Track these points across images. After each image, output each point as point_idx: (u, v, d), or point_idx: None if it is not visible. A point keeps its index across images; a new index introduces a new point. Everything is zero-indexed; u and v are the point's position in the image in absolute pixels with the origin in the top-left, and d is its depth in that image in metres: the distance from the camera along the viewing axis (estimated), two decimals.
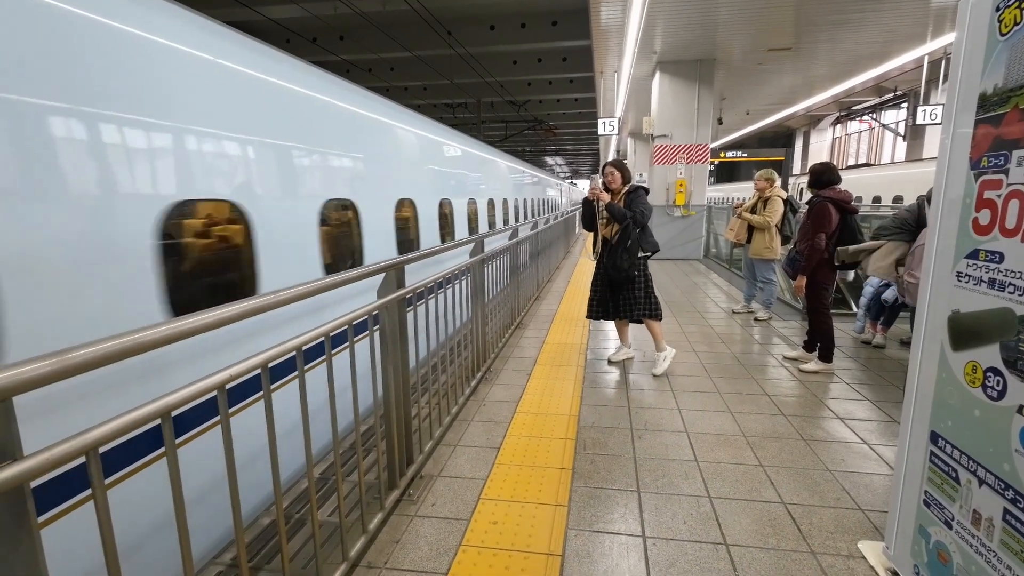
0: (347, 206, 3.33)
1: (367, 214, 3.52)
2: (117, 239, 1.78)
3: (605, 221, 3.78)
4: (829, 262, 3.66)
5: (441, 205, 5.25)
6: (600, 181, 3.79)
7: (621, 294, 3.80)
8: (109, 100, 1.79)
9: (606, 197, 3.72)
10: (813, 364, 3.78)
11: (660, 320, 3.82)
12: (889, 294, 4.32)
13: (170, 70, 2.08)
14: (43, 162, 1.57)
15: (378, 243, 3.68)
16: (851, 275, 4.18)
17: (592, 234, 3.91)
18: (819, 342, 3.80)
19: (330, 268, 3.03)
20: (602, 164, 3.88)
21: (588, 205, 3.83)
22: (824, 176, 3.73)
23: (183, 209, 2.07)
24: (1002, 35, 1.28)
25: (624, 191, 3.72)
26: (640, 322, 3.83)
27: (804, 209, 3.94)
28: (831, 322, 3.75)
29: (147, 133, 1.93)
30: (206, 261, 2.28)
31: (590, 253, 3.95)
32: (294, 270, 2.72)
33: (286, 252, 2.69)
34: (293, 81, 2.91)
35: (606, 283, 3.85)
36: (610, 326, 5.19)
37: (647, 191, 3.78)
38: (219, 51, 2.38)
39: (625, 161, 9.76)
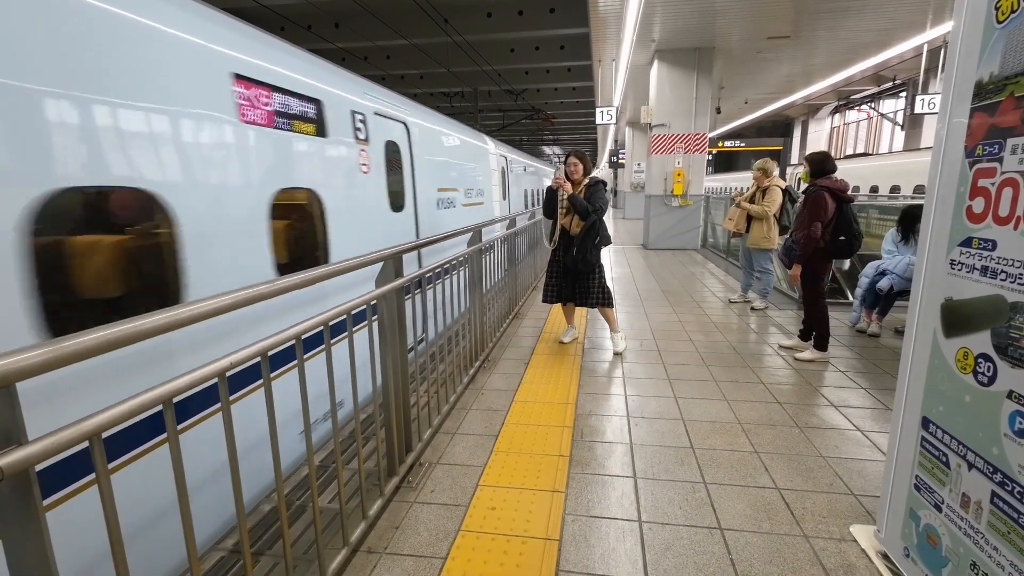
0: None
1: None
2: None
3: (564, 211, 3.89)
4: (824, 251, 3.67)
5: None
6: (563, 171, 3.87)
7: (578, 283, 3.99)
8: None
9: (569, 187, 3.80)
10: (808, 353, 3.81)
11: (612, 307, 4.06)
12: (884, 283, 4.34)
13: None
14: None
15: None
16: (847, 264, 4.20)
17: (552, 222, 4.02)
18: (815, 330, 3.83)
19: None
20: (566, 154, 3.93)
21: (552, 193, 3.93)
22: (822, 165, 3.73)
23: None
24: (999, 23, 1.28)
25: (585, 183, 3.83)
26: (595, 307, 4.01)
27: (802, 199, 3.92)
28: (827, 311, 3.77)
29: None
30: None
31: (545, 239, 4.08)
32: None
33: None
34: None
35: (563, 271, 4.02)
36: None
37: (606, 185, 3.93)
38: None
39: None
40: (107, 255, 1.83)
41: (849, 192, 3.67)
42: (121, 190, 1.83)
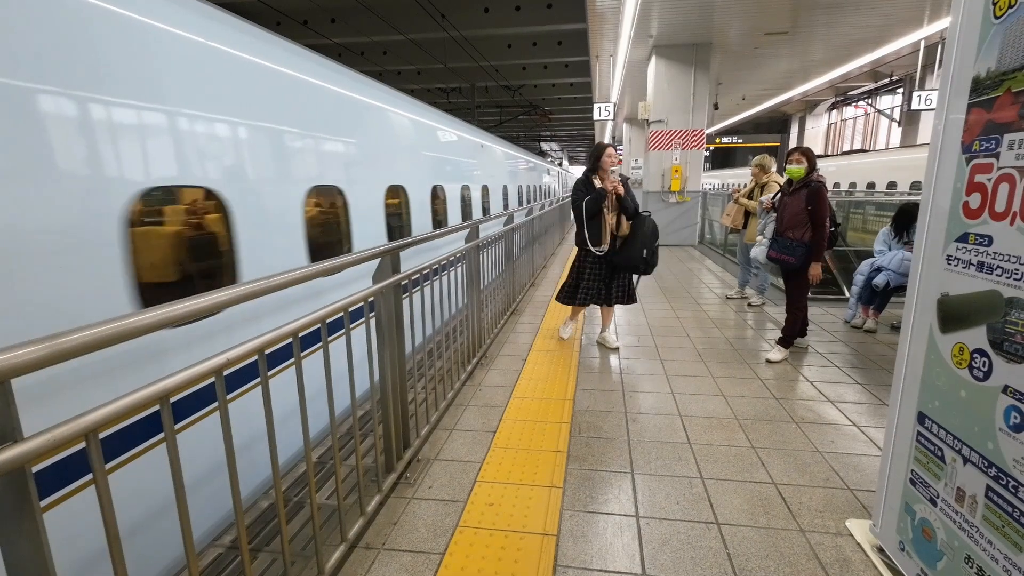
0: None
1: None
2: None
3: (614, 213, 3.73)
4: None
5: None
6: (617, 174, 3.77)
7: (622, 281, 3.91)
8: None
9: (622, 190, 3.69)
10: (776, 353, 3.74)
11: None
12: (880, 279, 4.36)
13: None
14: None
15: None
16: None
17: (591, 225, 3.73)
18: (792, 331, 3.73)
19: None
20: (603, 145, 3.73)
21: (597, 195, 3.66)
22: (815, 160, 3.69)
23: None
24: (996, 18, 1.28)
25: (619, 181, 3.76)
26: (634, 302, 3.99)
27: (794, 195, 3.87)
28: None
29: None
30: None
31: (590, 243, 3.78)
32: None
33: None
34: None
35: (606, 271, 3.87)
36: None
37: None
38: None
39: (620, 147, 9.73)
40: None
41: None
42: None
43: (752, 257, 4.50)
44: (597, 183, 3.71)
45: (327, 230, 3.29)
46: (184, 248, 2.25)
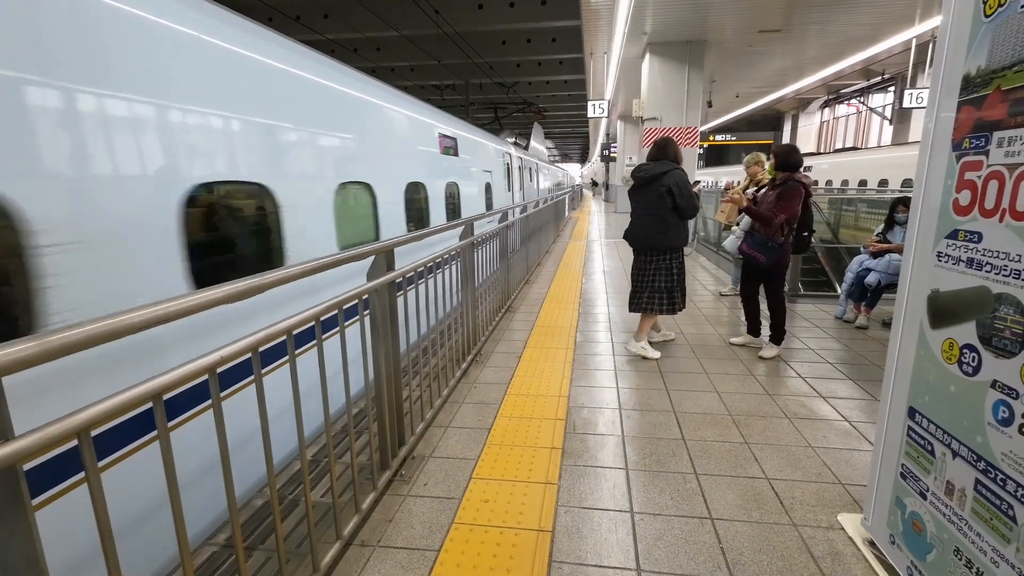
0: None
1: None
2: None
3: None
4: (792, 245, 3.64)
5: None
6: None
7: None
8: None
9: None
10: (769, 350, 3.76)
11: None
12: (871, 279, 4.40)
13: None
14: None
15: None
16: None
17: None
18: (779, 327, 3.75)
19: None
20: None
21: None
22: (793, 157, 3.65)
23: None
24: (987, 16, 1.29)
25: None
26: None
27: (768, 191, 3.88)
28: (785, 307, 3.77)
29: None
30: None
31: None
32: None
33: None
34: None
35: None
36: (601, 309, 5.24)
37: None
38: None
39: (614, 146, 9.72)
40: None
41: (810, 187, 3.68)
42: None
43: (723, 246, 4.52)
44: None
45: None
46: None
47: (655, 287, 3.74)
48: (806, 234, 3.59)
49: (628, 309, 3.90)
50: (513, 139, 15.47)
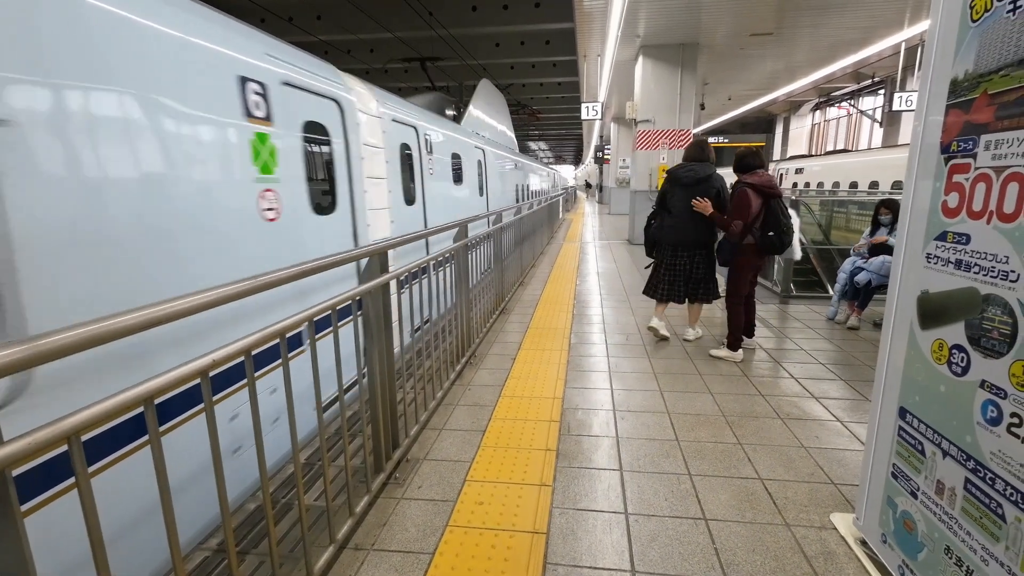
0: None
1: None
2: None
3: None
4: (754, 247, 3.66)
5: None
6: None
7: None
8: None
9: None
10: (720, 350, 3.80)
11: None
12: (862, 277, 4.44)
13: None
14: None
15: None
16: (798, 254, 4.07)
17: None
18: (730, 329, 3.77)
19: None
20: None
21: None
22: (745, 161, 3.71)
23: None
24: (973, 21, 1.31)
25: None
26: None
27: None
28: (742, 312, 3.78)
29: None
30: None
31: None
32: None
33: None
34: None
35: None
36: (595, 311, 5.25)
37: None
38: None
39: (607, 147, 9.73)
40: None
41: (778, 188, 3.66)
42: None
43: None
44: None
45: None
46: None
47: (706, 277, 4.10)
48: (771, 234, 3.55)
49: (676, 302, 4.16)
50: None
